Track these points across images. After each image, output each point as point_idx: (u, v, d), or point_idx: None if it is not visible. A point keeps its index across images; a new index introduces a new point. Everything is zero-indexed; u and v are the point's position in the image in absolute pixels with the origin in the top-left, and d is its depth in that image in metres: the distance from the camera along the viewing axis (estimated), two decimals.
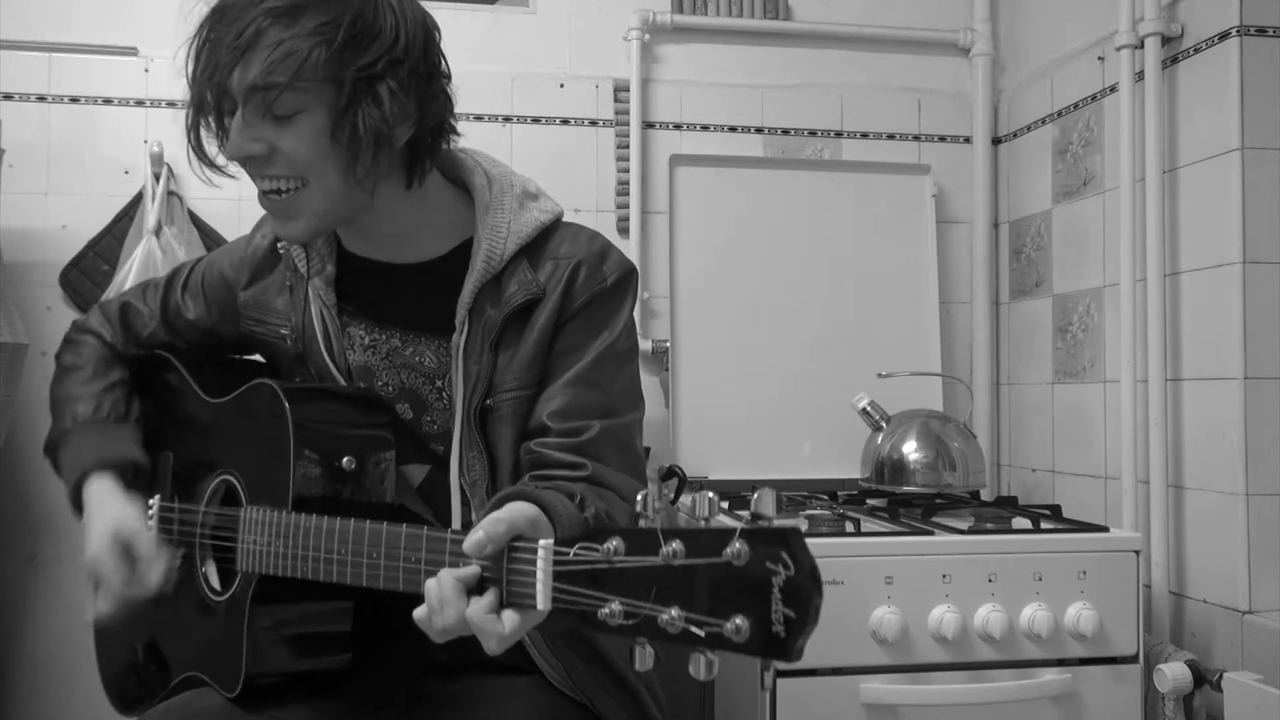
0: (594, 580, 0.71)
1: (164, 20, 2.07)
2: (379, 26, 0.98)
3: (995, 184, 2.30)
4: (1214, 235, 1.67)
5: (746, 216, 2.18)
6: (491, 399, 1.08)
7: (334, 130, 0.98)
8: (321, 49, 0.95)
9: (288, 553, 0.96)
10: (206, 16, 0.99)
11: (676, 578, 0.67)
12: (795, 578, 0.63)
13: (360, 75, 0.97)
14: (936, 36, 2.30)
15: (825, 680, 1.49)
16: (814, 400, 2.13)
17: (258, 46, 0.95)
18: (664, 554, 0.67)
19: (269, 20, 0.95)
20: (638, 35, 2.18)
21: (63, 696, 1.98)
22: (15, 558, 1.99)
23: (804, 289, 2.18)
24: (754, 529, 0.65)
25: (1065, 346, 2.07)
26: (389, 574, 0.87)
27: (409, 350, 1.12)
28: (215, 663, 1.04)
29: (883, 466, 1.88)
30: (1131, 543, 1.59)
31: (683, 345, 2.12)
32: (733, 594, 0.64)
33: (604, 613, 0.69)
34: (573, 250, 1.11)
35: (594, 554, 0.71)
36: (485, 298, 1.08)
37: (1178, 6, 1.77)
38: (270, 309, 1.19)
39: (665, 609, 0.66)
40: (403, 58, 0.99)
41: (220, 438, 1.13)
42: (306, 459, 1.00)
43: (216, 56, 0.96)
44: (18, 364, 1.83)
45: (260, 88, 0.96)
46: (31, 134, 2.00)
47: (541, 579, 0.74)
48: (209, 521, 1.10)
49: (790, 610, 0.63)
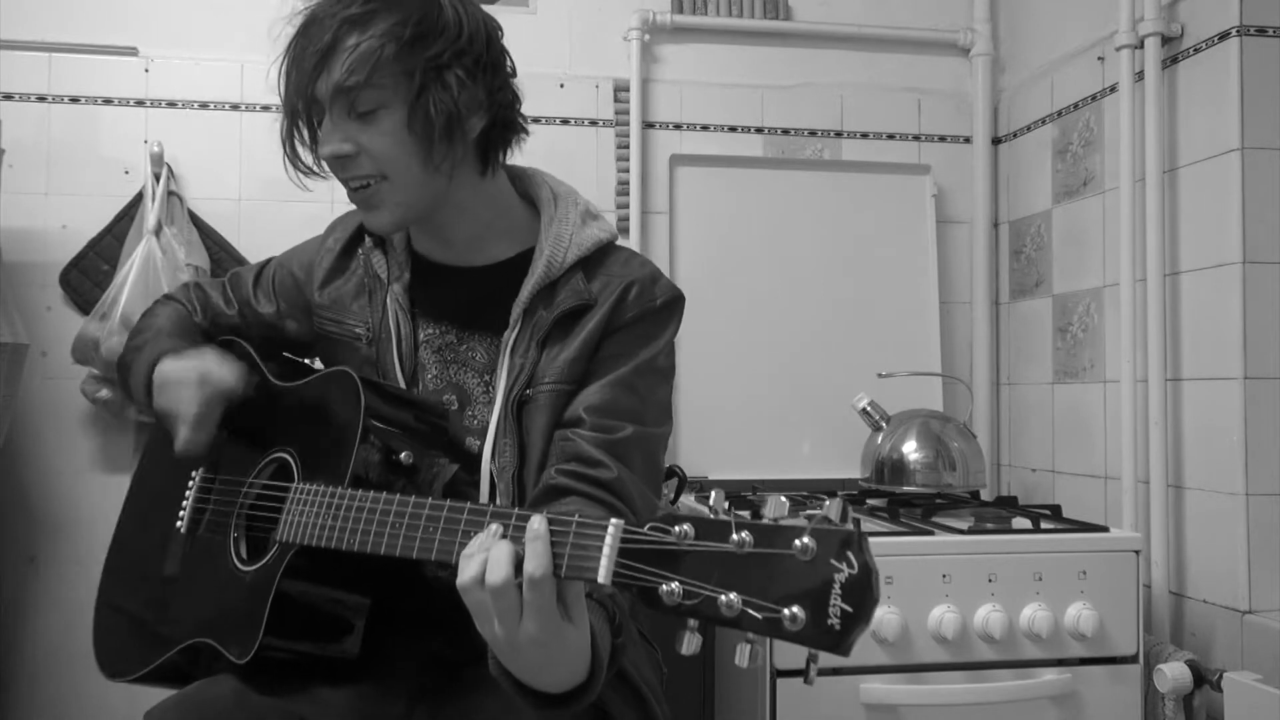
0: (659, 559, 0.73)
1: (164, 20, 2.07)
2: (444, 22, 1.07)
3: (995, 184, 2.30)
4: (1214, 235, 1.67)
5: (746, 216, 2.18)
6: (531, 388, 1.13)
7: (409, 120, 1.06)
8: (392, 45, 1.04)
9: (336, 525, 0.98)
10: (294, 35, 1.08)
11: (742, 565, 0.69)
12: (858, 576, 0.65)
13: (429, 65, 1.05)
14: (936, 36, 2.30)
15: (825, 680, 1.49)
16: (814, 400, 2.13)
17: (337, 51, 1.05)
18: (734, 541, 0.70)
19: (345, 27, 1.05)
20: (638, 35, 2.18)
21: (63, 696, 1.98)
22: (15, 558, 1.99)
23: (804, 289, 2.18)
24: (823, 528, 0.67)
25: (1065, 346, 2.07)
26: (443, 547, 0.88)
27: (463, 346, 1.18)
28: (230, 629, 1.04)
29: (883, 466, 1.88)
30: (1131, 543, 1.59)
31: (683, 345, 2.07)
32: (795, 585, 0.67)
33: (664, 589, 0.71)
34: (627, 271, 1.17)
35: (665, 535, 0.73)
36: (540, 300, 1.14)
37: (1178, 6, 1.77)
38: (347, 309, 1.23)
39: (725, 592, 0.69)
40: (467, 48, 1.08)
41: (282, 419, 1.17)
42: (370, 444, 1.04)
43: (303, 67, 1.06)
44: (18, 364, 1.83)
45: (343, 89, 1.05)
46: (31, 134, 2.00)
47: (607, 553, 0.75)
48: (252, 493, 1.14)
49: (849, 606, 0.65)
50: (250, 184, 2.08)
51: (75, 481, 2.00)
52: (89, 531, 1.99)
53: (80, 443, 2.01)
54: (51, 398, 1.99)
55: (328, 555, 1.00)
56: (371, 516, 0.95)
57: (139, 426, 2.00)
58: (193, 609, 1.13)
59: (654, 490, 1.13)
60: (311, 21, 1.08)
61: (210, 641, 1.07)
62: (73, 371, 1.95)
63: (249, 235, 2.06)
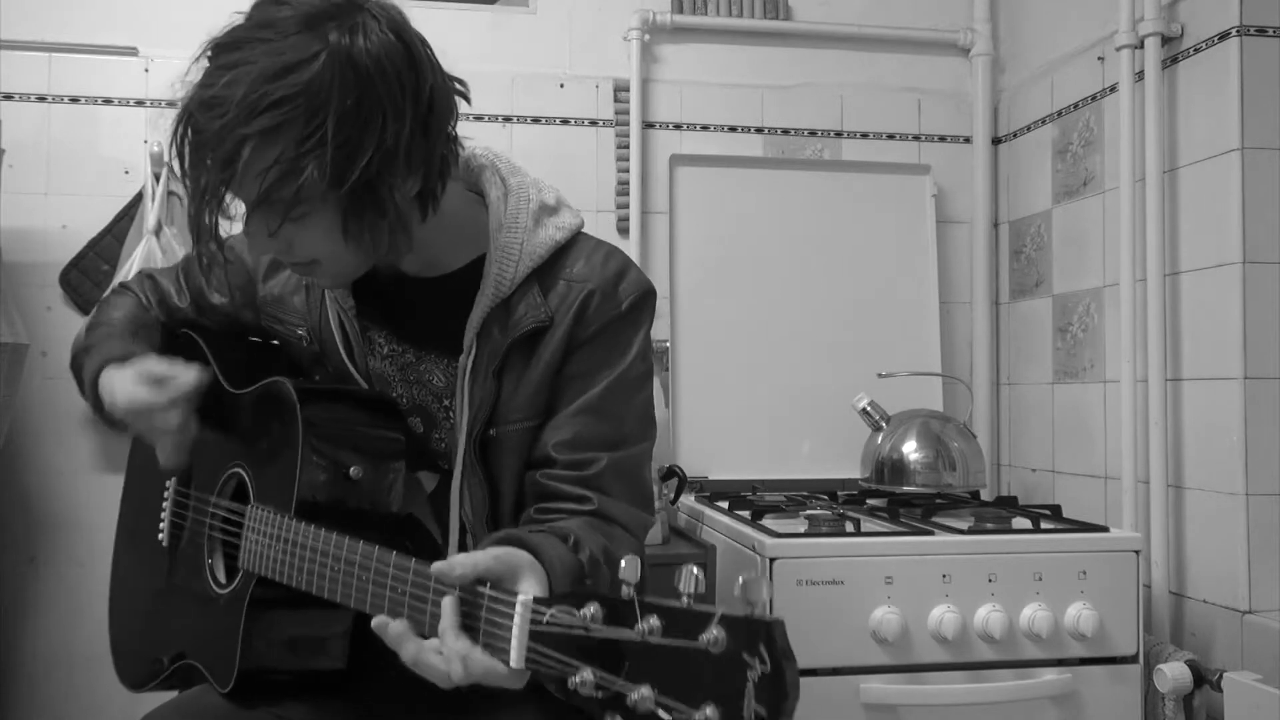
0: (568, 645, 0.69)
1: (164, 20, 2.07)
2: (364, 118, 0.90)
3: (995, 184, 2.30)
4: (1214, 235, 1.67)
5: (746, 216, 2.18)
6: (495, 429, 1.06)
7: (345, 229, 0.95)
8: (313, 168, 0.89)
9: (285, 560, 0.96)
10: (180, 120, 0.93)
11: (652, 655, 0.64)
12: (771, 676, 0.59)
13: (358, 183, 0.91)
14: (936, 36, 2.30)
15: (825, 680, 1.48)
16: (814, 400, 2.13)
17: (247, 170, 0.90)
18: (639, 630, 0.65)
19: (247, 140, 0.88)
20: (638, 35, 2.18)
21: (63, 696, 1.98)
22: (15, 558, 1.99)
23: (804, 289, 2.18)
24: (734, 617, 0.61)
25: (1065, 346, 2.07)
26: (375, 600, 0.87)
27: (421, 366, 1.11)
28: (212, 656, 1.04)
29: (883, 466, 1.88)
30: (1131, 543, 1.59)
31: (683, 345, 2.12)
32: (706, 681, 0.61)
33: (574, 681, 0.67)
34: (587, 272, 1.07)
35: (571, 618, 0.69)
36: (494, 320, 1.06)
37: (1178, 6, 1.77)
38: (288, 307, 1.17)
39: (636, 687, 0.64)
40: (394, 145, 0.92)
41: (236, 429, 1.13)
42: (314, 465, 0.99)
43: (204, 176, 0.92)
44: (18, 364, 1.83)
45: (262, 203, 0.93)
46: (31, 134, 2.00)
47: (517, 635, 0.73)
48: (219, 514, 1.11)
49: (762, 708, 0.59)
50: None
51: (75, 481, 2.00)
52: (89, 531, 1.99)
53: (80, 443, 2.01)
54: (51, 398, 1.99)
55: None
56: (314, 557, 0.93)
57: None
58: (180, 627, 1.12)
59: (642, 505, 1.07)
60: (200, 116, 0.91)
61: (197, 665, 1.06)
62: None
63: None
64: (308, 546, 0.94)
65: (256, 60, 0.90)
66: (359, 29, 0.91)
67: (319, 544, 0.93)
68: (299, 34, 0.90)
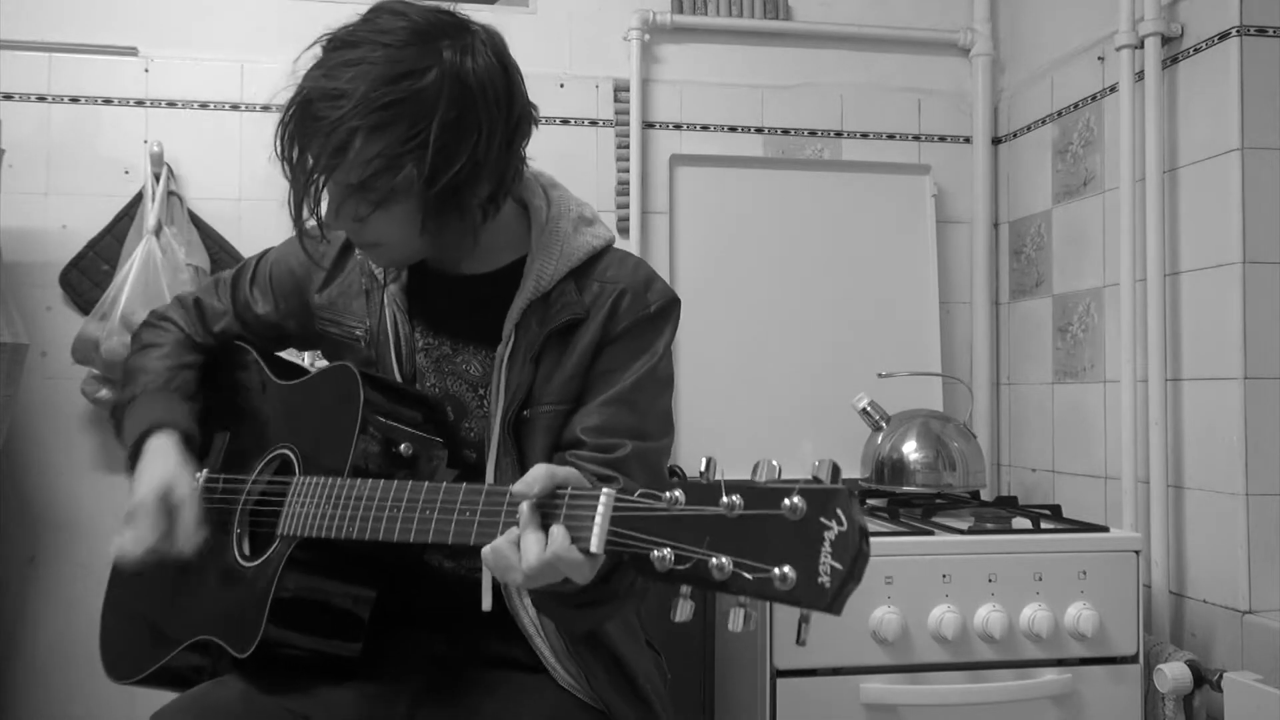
0: (650, 525, 0.73)
1: (164, 20, 2.07)
2: (464, 128, 1.00)
3: (995, 184, 2.30)
4: (1214, 235, 1.67)
5: (746, 216, 2.18)
6: (529, 410, 1.12)
7: (423, 219, 1.04)
8: (412, 167, 0.99)
9: (337, 514, 0.99)
10: (294, 105, 1.01)
11: (732, 527, 0.69)
12: (847, 533, 0.65)
13: (447, 186, 1.01)
14: (936, 36, 2.30)
15: (825, 680, 1.49)
16: (814, 400, 2.13)
17: (350, 155, 0.98)
18: (724, 504, 0.70)
19: (359, 131, 0.97)
20: (638, 35, 2.18)
21: (62, 696, 1.98)
22: (15, 558, 1.99)
23: (804, 289, 2.18)
24: (813, 487, 0.67)
25: (1065, 346, 2.07)
26: (440, 528, 0.90)
27: (458, 358, 1.16)
28: (232, 624, 1.05)
29: (883, 466, 1.88)
30: (1131, 543, 1.59)
31: (683, 345, 2.11)
32: (785, 545, 0.67)
33: (656, 555, 0.72)
34: (619, 275, 1.15)
35: (655, 501, 0.74)
36: (532, 314, 1.13)
37: (1178, 6, 1.77)
38: (347, 311, 1.22)
39: (716, 555, 0.69)
40: (484, 157, 1.02)
41: (285, 416, 1.18)
42: (370, 435, 1.05)
43: (310, 157, 1.00)
44: (18, 364, 1.83)
45: (358, 189, 1.02)
46: (31, 134, 2.00)
47: (599, 523, 0.76)
48: (255, 489, 1.14)
49: (838, 563, 0.65)
50: (250, 184, 2.08)
51: (75, 481, 2.00)
52: (89, 531, 1.99)
53: (80, 443, 2.01)
54: (51, 398, 1.99)
55: (330, 548, 1.01)
56: (371, 503, 0.97)
57: None
58: (197, 607, 1.13)
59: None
60: (320, 103, 0.99)
61: (213, 638, 1.07)
62: (73, 371, 1.95)
63: (249, 235, 2.06)
64: (364, 497, 0.98)
65: (377, 63, 0.99)
66: (469, 50, 1.02)
67: (377, 492, 0.97)
68: (416, 45, 1.00)
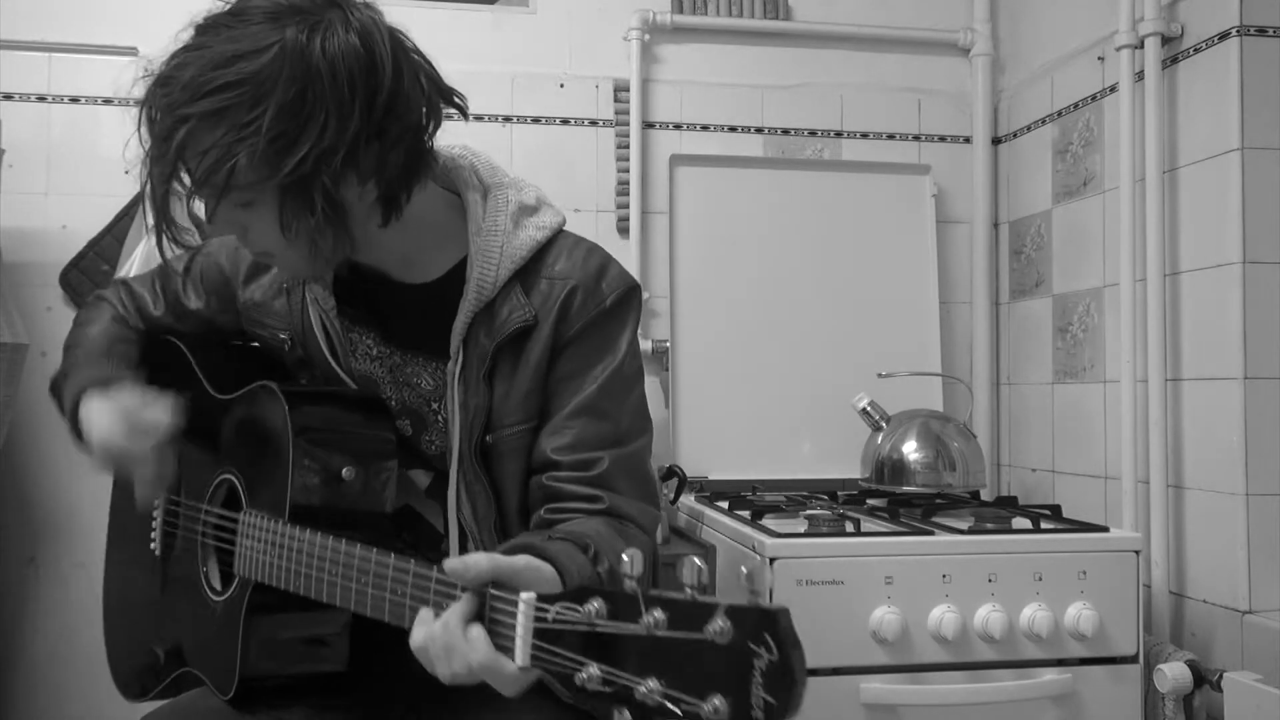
0: (574, 642, 0.69)
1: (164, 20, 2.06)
2: (305, 114, 0.90)
3: (995, 184, 2.30)
4: (1214, 235, 1.67)
5: (746, 216, 2.18)
6: (492, 435, 1.05)
7: (281, 221, 0.95)
8: (244, 157, 0.90)
9: (282, 565, 0.96)
10: (141, 107, 0.95)
11: (658, 648, 0.64)
12: (778, 664, 0.59)
13: (289, 177, 0.91)
14: (936, 36, 2.30)
15: (825, 680, 1.48)
16: (814, 400, 2.13)
17: (187, 152, 0.92)
18: (645, 623, 0.64)
19: (189, 125, 0.91)
20: (638, 35, 2.18)
21: (62, 696, 1.98)
22: (15, 558, 1.99)
23: (804, 289, 2.18)
24: (739, 607, 0.62)
25: (1065, 346, 2.07)
26: (375, 603, 0.87)
27: (409, 369, 1.10)
28: (211, 663, 1.04)
29: (883, 466, 1.88)
30: (1131, 543, 1.59)
31: (683, 345, 2.12)
32: (713, 671, 0.61)
33: (581, 677, 0.67)
34: (568, 269, 1.06)
35: (575, 614, 0.69)
36: (479, 324, 1.05)
37: (1178, 6, 1.77)
38: (269, 310, 1.16)
39: (643, 681, 0.64)
40: (335, 144, 0.91)
41: (224, 435, 1.12)
42: (306, 468, 0.99)
43: (155, 160, 0.94)
44: (18, 364, 1.83)
45: (205, 185, 0.94)
46: (31, 134, 2.00)
47: (521, 634, 0.72)
48: (210, 521, 1.10)
49: (771, 697, 0.59)
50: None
51: (75, 481, 2.00)
52: (89, 532, 1.99)
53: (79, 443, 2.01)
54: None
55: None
56: (312, 560, 0.93)
57: None
58: (178, 637, 1.12)
59: (649, 499, 1.07)
60: (157, 98, 0.93)
61: (197, 673, 1.06)
62: None
63: None
64: (303, 551, 0.94)
65: (213, 45, 0.92)
66: (320, 27, 0.92)
67: (314, 549, 0.93)
68: (261, 24, 0.91)
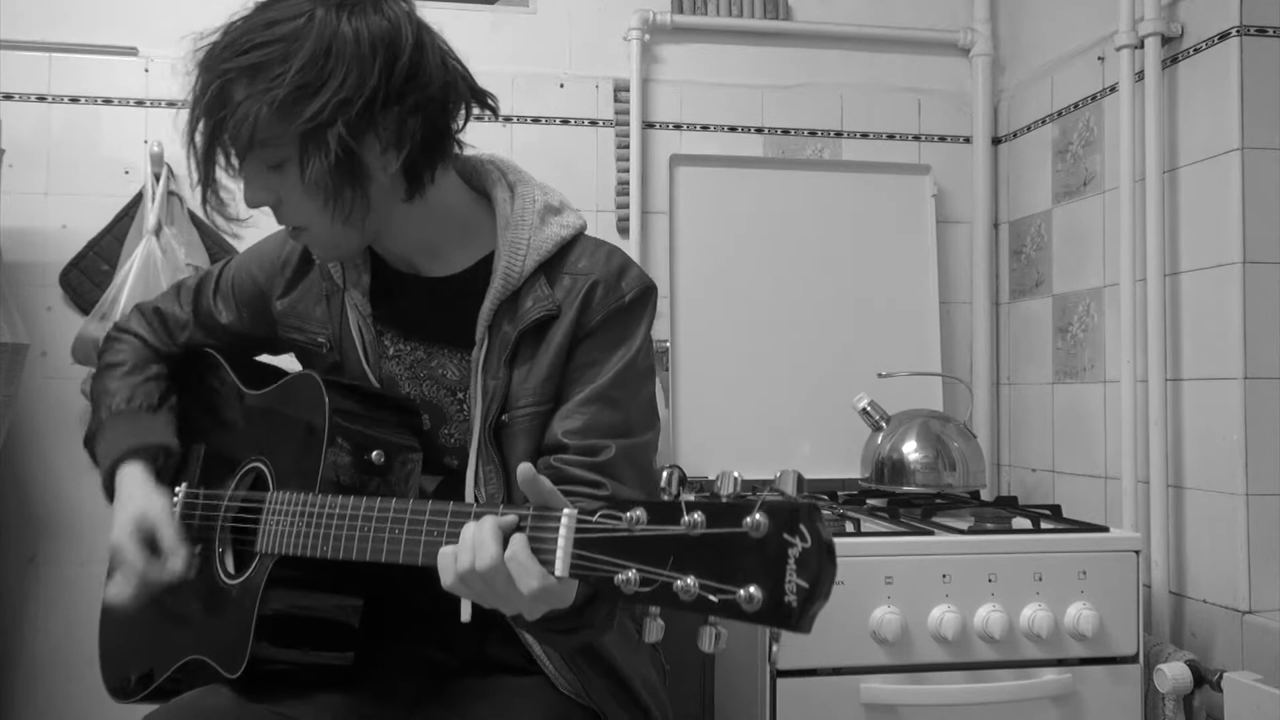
0: (614, 547, 0.72)
1: (164, 20, 2.07)
2: (328, 69, 0.97)
3: (995, 184, 2.30)
4: (1214, 235, 1.67)
5: (746, 216, 2.18)
6: (507, 414, 1.09)
7: (303, 177, 1.00)
8: (265, 108, 0.96)
9: (310, 532, 0.98)
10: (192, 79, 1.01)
11: (695, 547, 0.68)
12: (811, 550, 0.64)
13: (307, 125, 0.96)
14: (936, 36, 2.30)
15: (825, 680, 1.49)
16: (814, 400, 2.13)
17: (226, 109, 0.97)
18: (685, 523, 0.68)
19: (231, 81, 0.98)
20: (638, 35, 2.18)
21: (62, 696, 1.98)
22: (15, 558, 1.99)
23: (804, 289, 2.18)
24: (774, 502, 0.66)
25: (1065, 346, 2.07)
26: (409, 549, 0.89)
27: (433, 362, 1.14)
28: (221, 644, 1.05)
29: (883, 466, 1.88)
30: (1131, 543, 1.59)
31: (683, 345, 2.12)
32: (749, 564, 0.65)
33: (620, 579, 0.71)
34: (590, 266, 1.11)
35: (616, 522, 0.73)
36: (503, 313, 1.09)
37: (1178, 6, 1.77)
38: (309, 317, 1.20)
39: (681, 576, 0.68)
40: (353, 96, 0.97)
41: (255, 427, 1.16)
42: (339, 446, 1.03)
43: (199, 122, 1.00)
44: (18, 364, 1.83)
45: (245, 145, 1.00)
46: (31, 134, 2.00)
47: (562, 545, 0.75)
48: (233, 506, 1.13)
49: (804, 581, 0.64)
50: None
51: (75, 481, 2.00)
52: (89, 531, 1.99)
53: (80, 443, 2.00)
54: (51, 398, 1.99)
55: (311, 563, 0.99)
56: (343, 520, 0.96)
57: None
58: (186, 626, 1.13)
59: (650, 493, 1.09)
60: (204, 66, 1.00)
61: (204, 658, 1.07)
62: (73, 371, 1.95)
63: (248, 235, 2.04)
64: (334, 514, 0.97)
65: (256, 16, 1.00)
66: (355, 10, 0.99)
67: (346, 509, 0.96)
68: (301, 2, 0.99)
